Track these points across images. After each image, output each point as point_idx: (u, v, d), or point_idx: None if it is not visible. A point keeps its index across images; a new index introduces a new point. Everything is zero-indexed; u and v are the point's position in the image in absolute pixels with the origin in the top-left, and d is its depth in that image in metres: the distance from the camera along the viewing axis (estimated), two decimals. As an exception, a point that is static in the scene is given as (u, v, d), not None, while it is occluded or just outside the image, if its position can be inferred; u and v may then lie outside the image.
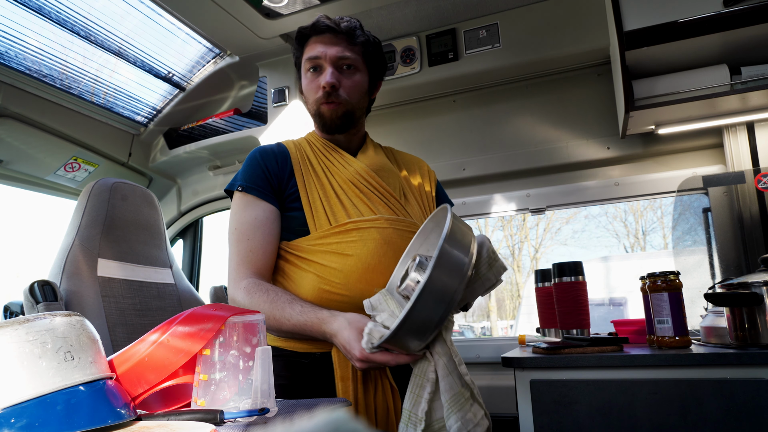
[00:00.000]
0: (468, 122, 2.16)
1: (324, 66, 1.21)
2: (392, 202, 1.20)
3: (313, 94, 1.23)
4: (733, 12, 1.42)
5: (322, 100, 1.21)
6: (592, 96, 1.98)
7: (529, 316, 4.55)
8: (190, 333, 0.73)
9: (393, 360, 0.91)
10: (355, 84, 1.23)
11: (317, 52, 1.21)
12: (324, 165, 1.24)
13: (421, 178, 1.35)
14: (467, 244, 0.88)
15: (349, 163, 1.23)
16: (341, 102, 1.21)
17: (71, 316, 0.67)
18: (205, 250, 2.76)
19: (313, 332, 1.03)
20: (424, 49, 2.06)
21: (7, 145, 2.02)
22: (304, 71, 1.25)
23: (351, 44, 1.22)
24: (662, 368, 1.17)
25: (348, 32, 1.22)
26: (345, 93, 1.21)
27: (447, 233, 0.84)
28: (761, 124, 1.71)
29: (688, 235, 1.88)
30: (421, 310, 0.83)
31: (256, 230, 1.15)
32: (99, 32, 1.89)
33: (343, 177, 1.21)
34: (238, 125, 2.26)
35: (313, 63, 1.22)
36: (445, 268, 0.83)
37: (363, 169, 1.21)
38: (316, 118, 1.25)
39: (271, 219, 1.17)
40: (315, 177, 1.21)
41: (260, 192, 1.17)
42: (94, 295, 1.39)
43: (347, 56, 1.21)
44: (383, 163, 1.27)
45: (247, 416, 0.69)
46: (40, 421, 0.57)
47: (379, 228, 1.13)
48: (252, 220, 1.15)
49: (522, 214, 2.11)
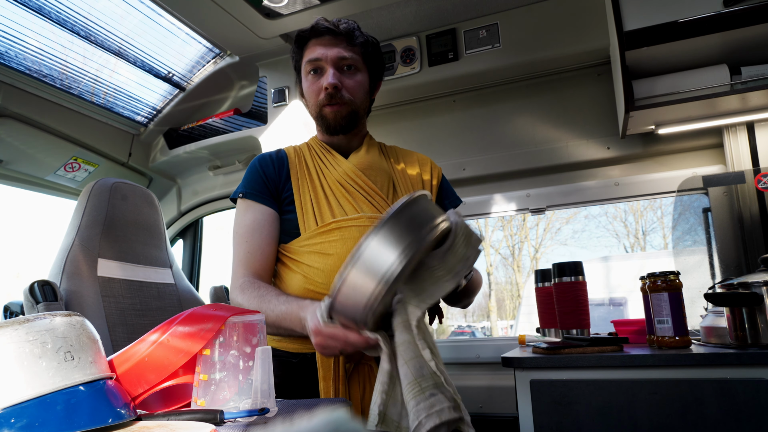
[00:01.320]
0: (468, 122, 2.16)
1: (325, 68, 1.21)
2: (377, 201, 1.19)
3: (315, 96, 1.23)
4: (733, 12, 1.42)
5: (324, 102, 1.21)
6: (592, 96, 1.98)
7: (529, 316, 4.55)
8: (190, 333, 0.73)
9: (342, 335, 0.86)
10: (357, 84, 1.23)
11: (318, 54, 1.21)
12: (318, 167, 1.25)
13: (423, 172, 1.33)
14: (432, 213, 0.83)
15: (339, 164, 1.24)
16: (345, 102, 1.21)
17: (71, 316, 0.67)
18: (205, 250, 2.76)
19: (293, 321, 1.01)
20: (424, 49, 2.06)
21: (7, 145, 2.02)
22: (304, 74, 1.25)
23: (351, 45, 1.22)
24: (662, 368, 1.17)
25: (347, 33, 1.22)
26: (348, 93, 1.21)
27: (413, 197, 0.81)
28: (761, 124, 1.71)
29: (688, 235, 1.88)
30: (360, 268, 0.77)
31: (254, 232, 1.18)
32: (99, 32, 1.89)
33: (333, 178, 1.22)
34: (238, 125, 2.26)
35: (314, 65, 1.22)
36: (398, 226, 0.78)
37: (351, 169, 1.22)
38: (318, 120, 1.25)
39: (269, 221, 1.19)
40: (309, 180, 1.23)
41: (258, 196, 1.20)
42: (94, 295, 1.39)
43: (347, 56, 1.21)
44: (372, 161, 1.26)
45: (247, 416, 0.69)
46: (40, 421, 0.57)
47: (360, 226, 1.13)
48: (250, 222, 1.19)
49: (522, 214, 2.11)
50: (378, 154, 1.30)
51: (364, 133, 1.33)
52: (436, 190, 1.33)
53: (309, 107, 1.27)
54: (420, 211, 0.83)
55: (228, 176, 2.50)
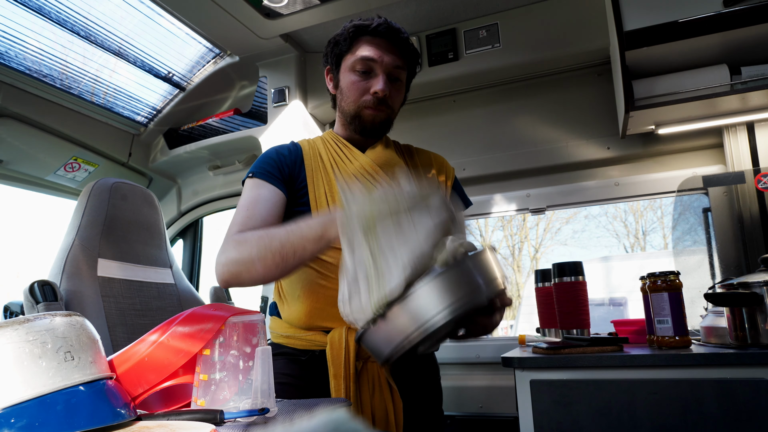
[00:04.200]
0: (468, 122, 2.16)
1: (377, 71, 1.17)
2: None
3: (359, 95, 1.18)
4: (733, 12, 1.42)
5: (369, 104, 1.17)
6: (592, 96, 1.98)
7: (529, 316, 4.55)
8: (190, 333, 0.73)
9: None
10: (399, 93, 1.22)
11: (373, 54, 1.16)
12: (333, 160, 1.23)
13: (437, 172, 1.32)
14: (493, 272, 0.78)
15: (355, 158, 1.22)
16: (387, 109, 1.19)
17: (71, 316, 0.67)
18: (205, 250, 2.76)
19: (309, 226, 0.93)
20: (424, 49, 2.06)
21: (7, 145, 2.02)
22: (349, 69, 1.19)
23: (403, 53, 1.19)
24: (662, 368, 1.17)
25: (404, 42, 1.19)
26: (391, 101, 1.19)
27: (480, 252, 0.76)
28: (761, 124, 1.71)
29: (688, 235, 1.88)
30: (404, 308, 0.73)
31: (257, 204, 1.10)
32: (99, 32, 1.89)
33: (349, 172, 1.20)
34: (238, 125, 2.26)
35: (366, 66, 1.17)
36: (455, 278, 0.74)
37: (368, 164, 1.20)
38: (354, 119, 1.20)
39: (274, 199, 1.12)
40: (324, 173, 1.21)
41: (269, 176, 1.14)
42: (94, 295, 1.39)
43: (400, 66, 1.18)
44: (390, 158, 1.24)
45: (247, 416, 0.69)
46: (40, 421, 0.57)
47: None
48: (255, 196, 1.12)
49: (522, 214, 2.11)
50: (394, 151, 1.29)
51: None
52: (449, 191, 1.32)
53: (345, 102, 1.21)
54: (482, 267, 0.78)
55: (228, 176, 2.50)
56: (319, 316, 1.13)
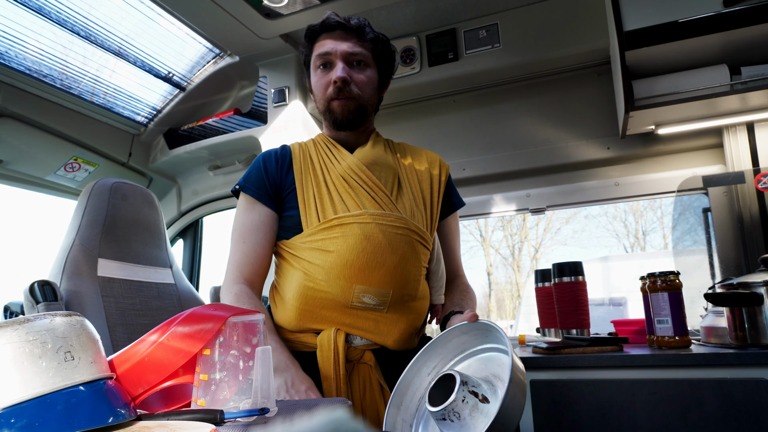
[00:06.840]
0: (468, 122, 2.16)
1: (335, 62, 1.20)
2: (380, 197, 1.17)
3: (324, 90, 1.22)
4: (733, 12, 1.42)
5: (333, 95, 1.20)
6: (592, 96, 1.98)
7: (529, 316, 4.55)
8: (189, 333, 0.73)
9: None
10: (366, 79, 1.22)
11: (328, 48, 1.20)
12: (322, 162, 1.24)
13: (431, 168, 1.32)
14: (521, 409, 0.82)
15: (343, 158, 1.23)
16: (353, 97, 1.20)
17: (71, 316, 0.67)
18: (205, 250, 2.76)
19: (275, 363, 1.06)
20: (424, 49, 2.06)
21: (7, 145, 2.02)
22: (313, 68, 1.24)
23: (361, 40, 1.21)
24: (662, 368, 1.17)
25: (358, 29, 1.21)
26: (356, 88, 1.20)
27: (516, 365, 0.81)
28: (761, 124, 1.71)
29: (688, 235, 1.88)
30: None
31: (251, 234, 1.20)
32: (99, 32, 1.89)
33: (337, 173, 1.21)
34: (238, 125, 2.26)
35: (324, 59, 1.21)
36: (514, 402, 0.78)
37: (354, 164, 1.21)
38: (326, 114, 1.24)
39: (266, 223, 1.21)
40: (313, 175, 1.22)
41: (258, 195, 1.22)
42: (94, 295, 1.39)
43: (358, 52, 1.20)
44: (377, 156, 1.24)
45: (247, 416, 0.69)
46: (40, 421, 0.57)
47: (361, 223, 1.12)
48: (249, 223, 1.21)
49: (522, 214, 2.11)
50: (384, 149, 1.29)
51: (371, 130, 1.32)
52: (444, 187, 1.32)
53: (317, 102, 1.26)
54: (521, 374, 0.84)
55: (228, 176, 2.50)
56: (309, 319, 1.13)
